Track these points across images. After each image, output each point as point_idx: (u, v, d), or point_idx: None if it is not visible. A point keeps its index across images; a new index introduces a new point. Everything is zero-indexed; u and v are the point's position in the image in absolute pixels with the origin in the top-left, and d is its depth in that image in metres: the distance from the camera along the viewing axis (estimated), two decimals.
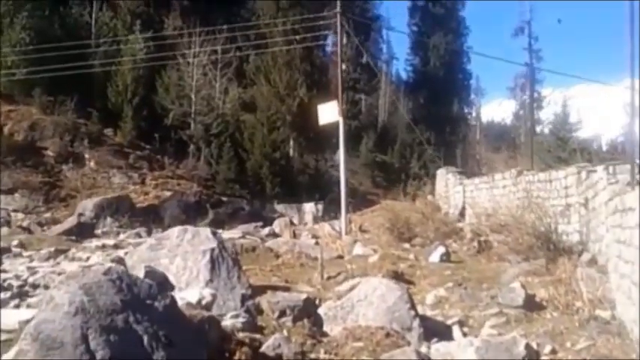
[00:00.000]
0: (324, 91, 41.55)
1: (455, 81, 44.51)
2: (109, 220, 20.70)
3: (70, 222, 15.41)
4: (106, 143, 34.45)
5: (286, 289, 9.98)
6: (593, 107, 61.52)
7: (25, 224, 19.06)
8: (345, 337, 8.21)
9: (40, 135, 32.49)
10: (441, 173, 21.07)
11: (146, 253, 9.86)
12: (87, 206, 21.46)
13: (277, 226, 21.33)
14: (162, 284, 9.21)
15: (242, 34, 38.88)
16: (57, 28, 34.91)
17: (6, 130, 31.87)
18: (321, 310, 8.89)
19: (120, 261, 9.53)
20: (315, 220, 29.68)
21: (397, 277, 11.24)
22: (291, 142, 39.66)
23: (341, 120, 19.47)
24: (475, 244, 13.72)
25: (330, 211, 30.95)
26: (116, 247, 11.67)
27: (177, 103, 35.71)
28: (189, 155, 36.06)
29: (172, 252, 9.68)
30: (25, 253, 10.84)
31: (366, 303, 8.62)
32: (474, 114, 51.74)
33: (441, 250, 12.89)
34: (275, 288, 9.92)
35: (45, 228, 19.86)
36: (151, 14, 41.48)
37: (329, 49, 45.68)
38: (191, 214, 29.39)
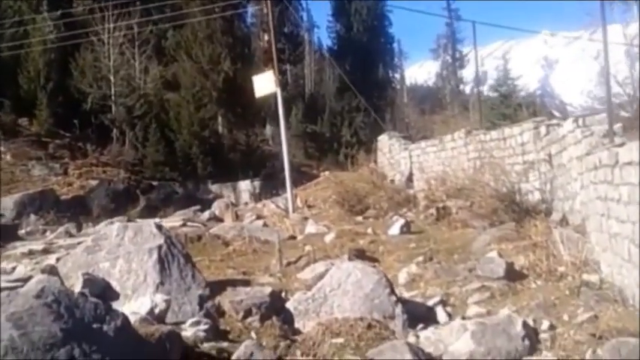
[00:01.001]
0: (248, 64, 40.05)
1: (379, 45, 43.77)
2: (32, 217, 18.91)
3: None
4: (22, 134, 32.10)
5: (246, 283, 8.86)
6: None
7: None
8: (321, 333, 7.21)
9: None
10: (382, 139, 20.24)
11: (82, 257, 8.52)
12: (6, 204, 19.55)
13: (217, 208, 20.02)
14: (105, 294, 7.97)
15: (157, 5, 36.66)
16: None
17: None
18: (289, 305, 7.84)
19: (52, 270, 8.17)
20: (253, 198, 28.53)
21: (361, 255, 10.36)
22: (219, 119, 38.07)
23: (279, 91, 18.31)
24: (432, 211, 12.97)
25: (268, 188, 29.83)
26: (46, 251, 10.16)
27: (95, 85, 33.44)
28: (112, 140, 34.02)
29: (112, 253, 8.37)
30: None
31: (340, 292, 7.63)
32: (398, 77, 51.31)
33: (401, 221, 12.06)
34: (233, 283, 8.77)
35: None
36: None
37: (249, 20, 43.88)
38: (121, 202, 27.70)
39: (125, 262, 8.14)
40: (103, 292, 7.85)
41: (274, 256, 11.33)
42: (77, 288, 7.66)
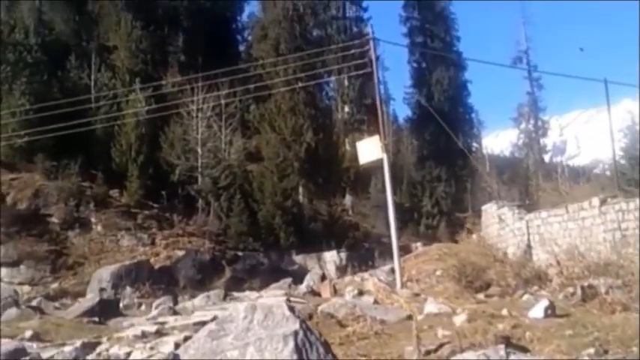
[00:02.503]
0: (329, 135, 39.63)
1: (458, 115, 42.55)
2: (128, 290, 18.07)
3: (91, 299, 12.81)
4: (113, 205, 31.90)
5: None
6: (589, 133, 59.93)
7: (35, 303, 16.34)
8: None
9: (44, 202, 29.98)
10: (489, 208, 18.57)
11: (206, 343, 7.25)
12: (103, 276, 18.82)
13: (310, 281, 18.71)
14: None
15: (242, 79, 36.74)
16: (56, 92, 32.59)
17: (9, 199, 29.38)
18: None
19: (175, 359, 6.94)
20: (339, 270, 27.15)
21: (508, 343, 8.69)
22: (300, 189, 37.26)
23: (385, 157, 17.10)
24: (572, 290, 11.21)
25: (354, 260, 28.45)
26: (159, 333, 9.03)
27: (183, 157, 33.25)
28: (198, 211, 33.47)
29: (241, 339, 7.07)
30: (43, 355, 8.13)
31: None
32: (476, 147, 49.64)
33: (544, 302, 10.36)
34: None
35: (58, 304, 17.13)
36: (149, 72, 39.37)
37: (330, 92, 43.58)
38: (207, 273, 26.98)
39: (256, 350, 6.80)
40: None
41: (400, 341, 9.83)
42: None
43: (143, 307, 15.74)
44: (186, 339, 8.10)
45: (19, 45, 33.54)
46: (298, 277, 22.92)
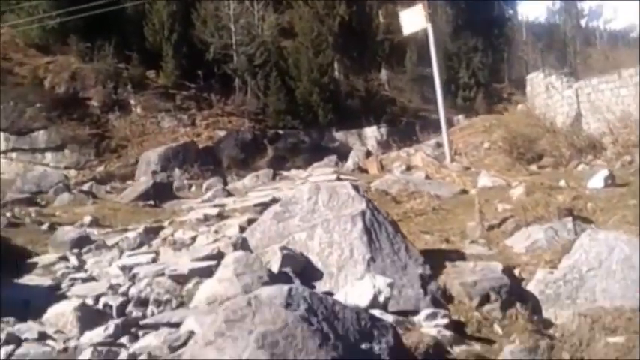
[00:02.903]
0: (363, 7, 37.90)
1: None
2: (177, 172, 18.11)
3: (144, 183, 12.82)
4: (150, 86, 31.55)
5: (457, 255, 7.21)
6: None
7: (86, 187, 16.51)
8: (587, 328, 5.47)
9: (82, 85, 29.71)
10: (535, 77, 17.68)
11: (272, 226, 7.14)
12: (151, 159, 18.84)
13: (355, 157, 18.47)
14: (306, 272, 6.55)
15: None
16: None
17: (46, 83, 29.14)
18: (532, 287, 6.14)
19: (243, 243, 6.83)
20: (380, 145, 26.85)
21: (571, 215, 8.41)
22: (336, 65, 36.25)
23: (429, 27, 16.19)
24: (631, 159, 10.73)
25: (395, 135, 28.06)
26: (220, 216, 8.95)
27: (217, 35, 32.32)
28: (235, 90, 33.01)
29: (307, 221, 6.93)
30: (108, 241, 8.15)
31: (603, 272, 5.83)
32: (511, 14, 47.12)
33: (604, 172, 9.97)
34: (440, 254, 7.16)
35: (109, 188, 17.30)
36: None
37: None
38: (249, 152, 26.95)
39: (324, 232, 6.66)
40: (303, 269, 6.46)
41: (459, 216, 9.63)
42: (274, 266, 6.30)
43: (193, 189, 15.80)
44: (249, 221, 8.01)
45: None
46: (341, 154, 22.75)
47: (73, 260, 7.35)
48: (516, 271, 6.64)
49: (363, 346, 3.57)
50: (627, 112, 12.88)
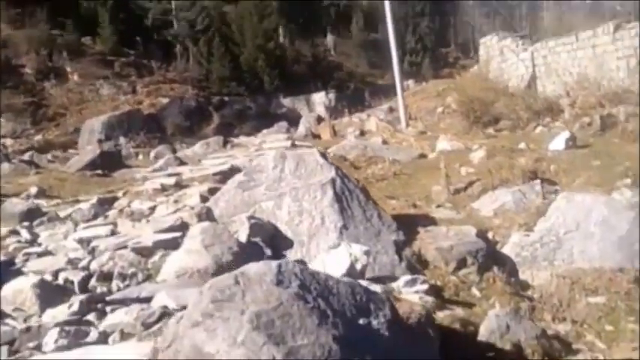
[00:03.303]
0: None
1: None
2: (122, 140, 17.34)
3: (91, 151, 12.11)
4: (87, 53, 30.16)
5: (429, 221, 7.04)
6: None
7: (26, 157, 15.58)
8: (567, 289, 5.42)
9: (15, 52, 28.08)
10: (489, 40, 17.60)
11: (237, 195, 6.76)
12: (94, 127, 17.96)
13: (306, 123, 18.13)
14: (275, 241, 6.25)
15: None
16: None
17: None
18: (508, 250, 6.03)
19: (208, 213, 6.45)
20: (329, 111, 26.49)
21: (534, 178, 8.38)
22: (281, 30, 35.56)
23: None
24: (590, 120, 10.77)
25: (343, 100, 27.77)
26: (178, 186, 8.43)
27: (155, 0, 31.08)
28: (177, 56, 31.95)
29: (274, 190, 6.58)
30: (60, 213, 7.54)
31: (580, 235, 5.75)
32: None
33: (565, 134, 9.96)
34: (411, 219, 6.98)
35: (50, 157, 16.40)
36: None
37: None
38: (194, 119, 26.17)
39: (293, 200, 6.33)
40: (272, 239, 6.16)
41: (421, 181, 9.51)
42: (243, 236, 5.96)
43: (141, 157, 15.17)
44: (211, 191, 7.60)
45: None
46: (290, 120, 22.35)
47: (25, 234, 6.78)
48: (490, 235, 6.52)
49: (361, 321, 3.32)
50: (584, 75, 12.95)
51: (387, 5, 15.80)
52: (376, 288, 4.44)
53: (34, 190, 9.46)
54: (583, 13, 28.33)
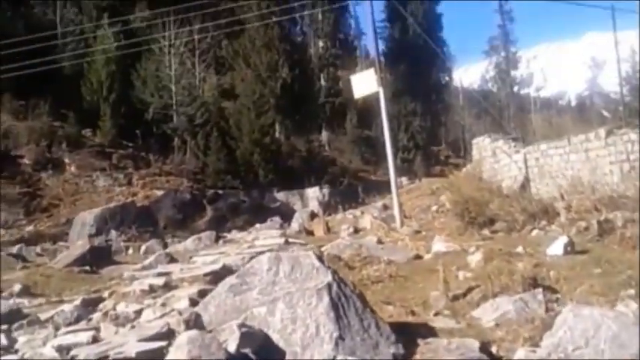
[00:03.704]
0: (304, 70, 38.27)
1: (432, 48, 41.29)
2: (113, 233, 17.00)
3: (81, 247, 11.76)
4: (86, 145, 30.44)
5: (428, 330, 6.64)
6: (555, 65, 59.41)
7: (14, 250, 15.21)
8: None
9: (15, 143, 28.34)
10: (481, 141, 17.78)
11: (227, 299, 6.39)
12: (86, 220, 17.66)
13: (299, 219, 17.88)
14: (266, 351, 5.84)
15: (214, 14, 34.84)
16: (21, 28, 30.32)
17: None
18: None
19: (197, 320, 6.06)
20: (322, 206, 26.39)
21: (536, 285, 8.05)
22: (277, 126, 36.10)
23: (381, 90, 16.05)
24: (586, 225, 10.59)
25: (336, 195, 27.75)
26: (167, 287, 8.00)
27: (157, 95, 31.73)
28: (174, 149, 32.23)
29: (267, 294, 6.23)
30: (41, 315, 7.10)
31: (590, 351, 5.36)
32: (447, 80, 48.64)
33: (563, 239, 9.74)
34: (407, 328, 6.58)
35: (39, 250, 16.01)
36: (116, 7, 36.95)
37: (305, 27, 41.74)
38: (188, 212, 25.90)
39: (287, 307, 5.97)
40: (263, 349, 5.73)
41: (418, 284, 9.15)
42: (232, 345, 5.55)
43: (131, 251, 14.79)
44: (200, 293, 7.23)
45: None
46: (283, 214, 22.11)
47: (2, 339, 6.35)
48: (494, 349, 6.11)
49: None
50: (578, 178, 12.90)
51: (382, 104, 15.96)
52: None
53: (17, 287, 9.05)
54: (570, 116, 29.00)
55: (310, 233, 16.20)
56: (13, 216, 26.30)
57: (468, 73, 55.99)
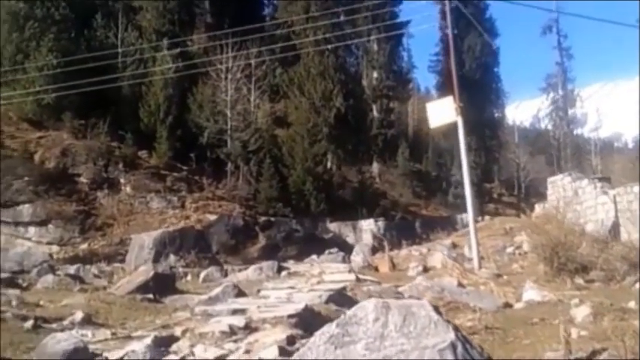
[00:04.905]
0: (358, 100, 37.53)
1: (487, 83, 40.12)
2: (172, 258, 16.22)
3: (144, 273, 10.94)
4: (142, 166, 30.02)
5: None
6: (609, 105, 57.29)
7: (72, 270, 14.52)
8: None
9: (73, 161, 28.12)
10: (560, 180, 16.45)
11: (327, 353, 5.36)
12: (145, 242, 16.95)
13: (360, 253, 16.77)
14: None
15: (270, 43, 34.49)
16: (84, 49, 30.43)
17: (36, 157, 27.52)
18: None
19: None
20: (376, 240, 25.25)
21: None
22: (329, 155, 35.23)
23: (459, 120, 15.01)
24: None
25: (391, 229, 26.60)
26: (248, 329, 6.99)
27: (212, 120, 31.26)
28: (227, 174, 31.57)
29: (375, 350, 5.16)
30: (109, 355, 6.17)
31: None
32: (499, 116, 47.22)
33: None
34: None
35: (96, 271, 15.30)
36: (175, 32, 36.96)
37: (360, 57, 41.06)
38: (240, 238, 25.19)
39: None
40: None
41: (522, 340, 7.97)
42: None
43: (189, 278, 13.94)
44: (289, 341, 6.23)
45: (47, 1, 31.24)
46: (338, 246, 21.09)
47: None
48: None
49: None
50: None
51: (461, 135, 14.89)
52: None
53: (78, 315, 8.21)
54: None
55: (375, 269, 15.13)
56: (68, 233, 26.04)
57: (519, 109, 54.47)
